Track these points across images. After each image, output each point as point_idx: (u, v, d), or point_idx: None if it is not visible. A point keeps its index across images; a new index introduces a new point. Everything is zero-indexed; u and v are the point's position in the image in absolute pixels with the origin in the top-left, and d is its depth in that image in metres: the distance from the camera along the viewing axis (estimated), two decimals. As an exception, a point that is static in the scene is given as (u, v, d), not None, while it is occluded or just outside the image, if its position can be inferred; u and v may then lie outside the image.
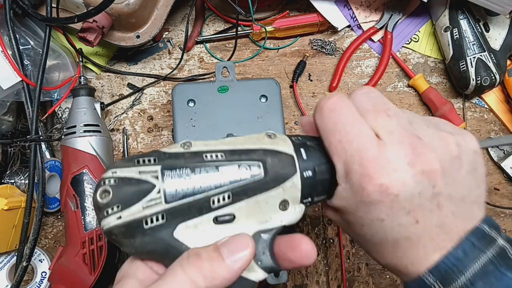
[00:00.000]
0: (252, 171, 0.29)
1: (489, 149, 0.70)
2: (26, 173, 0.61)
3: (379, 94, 0.31)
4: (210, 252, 0.27)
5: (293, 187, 0.30)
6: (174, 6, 0.64)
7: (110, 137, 0.62)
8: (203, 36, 0.70)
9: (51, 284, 0.57)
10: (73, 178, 0.57)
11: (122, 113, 0.67)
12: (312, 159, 0.31)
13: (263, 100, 0.59)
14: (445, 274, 0.28)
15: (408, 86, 0.71)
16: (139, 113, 0.68)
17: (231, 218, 0.29)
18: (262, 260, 0.30)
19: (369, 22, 0.72)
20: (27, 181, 0.57)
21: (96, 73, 0.68)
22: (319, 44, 0.72)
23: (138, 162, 0.28)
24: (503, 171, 0.69)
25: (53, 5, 0.57)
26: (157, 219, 0.27)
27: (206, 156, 0.29)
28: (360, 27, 0.72)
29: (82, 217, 0.56)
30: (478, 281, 0.27)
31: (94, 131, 0.58)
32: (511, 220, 0.69)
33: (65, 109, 0.65)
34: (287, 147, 0.31)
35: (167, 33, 0.71)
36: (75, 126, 0.58)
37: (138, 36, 0.63)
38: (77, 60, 0.64)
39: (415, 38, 0.73)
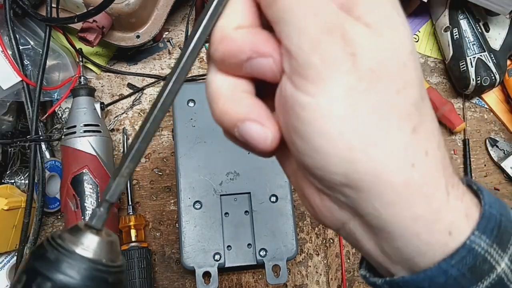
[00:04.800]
0: None
1: (489, 149, 0.70)
2: (26, 173, 0.61)
3: None
4: None
5: None
6: (174, 6, 0.64)
7: (110, 137, 0.62)
8: (203, 36, 0.70)
9: (51, 284, 0.57)
10: (73, 178, 0.57)
11: (122, 113, 0.67)
12: None
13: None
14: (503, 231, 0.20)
15: (408, 86, 0.71)
16: (139, 113, 0.68)
17: None
18: None
19: (369, 22, 0.72)
20: (27, 181, 0.57)
21: (96, 73, 0.68)
22: (319, 44, 0.72)
23: None
24: (503, 171, 0.69)
25: (53, 5, 0.57)
26: None
27: None
28: (360, 27, 0.72)
29: (82, 217, 0.56)
30: None
31: (94, 131, 0.58)
32: (511, 220, 0.69)
33: (65, 109, 0.65)
34: None
35: (167, 33, 0.71)
36: (75, 126, 0.58)
37: (138, 36, 0.63)
38: (77, 60, 0.64)
39: (415, 38, 0.73)
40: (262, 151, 0.21)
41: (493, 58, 0.66)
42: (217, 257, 0.54)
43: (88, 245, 0.20)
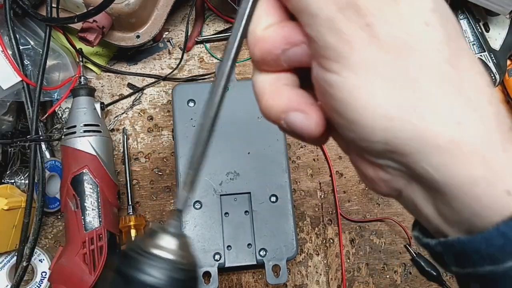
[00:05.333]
0: None
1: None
2: (26, 173, 0.61)
3: None
4: None
5: None
6: (174, 6, 0.64)
7: (110, 137, 0.62)
8: (203, 36, 0.70)
9: (51, 284, 0.57)
10: (73, 178, 0.57)
11: (122, 113, 0.67)
12: None
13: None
14: None
15: (408, 86, 0.71)
16: (139, 113, 0.68)
17: None
18: None
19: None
20: (27, 181, 0.57)
21: (96, 73, 0.68)
22: (319, 44, 0.72)
23: None
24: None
25: (53, 5, 0.57)
26: None
27: None
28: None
29: (82, 217, 0.56)
30: None
31: (94, 131, 0.58)
32: (511, 220, 0.69)
33: (65, 109, 0.65)
34: None
35: (167, 33, 0.71)
36: (75, 126, 0.58)
37: (138, 36, 0.63)
38: (77, 60, 0.64)
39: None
40: (310, 137, 0.22)
41: (493, 58, 0.66)
42: (217, 257, 0.54)
43: (173, 249, 0.22)
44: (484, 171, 0.19)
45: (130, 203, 0.62)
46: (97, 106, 0.61)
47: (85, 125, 0.58)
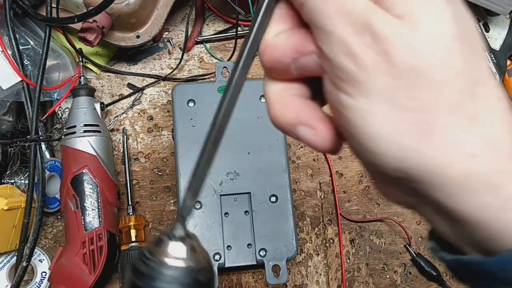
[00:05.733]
0: None
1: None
2: (26, 173, 0.61)
3: None
4: None
5: None
6: (174, 6, 0.64)
7: (110, 137, 0.62)
8: (203, 36, 0.70)
9: (51, 284, 0.57)
10: (73, 178, 0.57)
11: (122, 113, 0.67)
12: None
13: (263, 100, 0.59)
14: None
15: (408, 86, 0.71)
16: (139, 113, 0.68)
17: None
18: None
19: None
20: (27, 181, 0.57)
21: (96, 73, 0.68)
22: (319, 44, 0.72)
23: None
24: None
25: (53, 5, 0.57)
26: None
27: None
28: (360, 27, 0.72)
29: (82, 217, 0.56)
30: None
31: (94, 131, 0.58)
32: (511, 220, 0.69)
33: (65, 109, 0.65)
34: None
35: (167, 33, 0.71)
36: (75, 126, 0.58)
37: (138, 36, 0.63)
38: (77, 60, 0.64)
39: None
40: (319, 150, 0.22)
41: (493, 58, 0.66)
42: (217, 257, 0.54)
43: (179, 256, 0.22)
44: (493, 200, 0.18)
45: (130, 203, 0.62)
46: (97, 106, 0.61)
47: (85, 125, 0.58)
